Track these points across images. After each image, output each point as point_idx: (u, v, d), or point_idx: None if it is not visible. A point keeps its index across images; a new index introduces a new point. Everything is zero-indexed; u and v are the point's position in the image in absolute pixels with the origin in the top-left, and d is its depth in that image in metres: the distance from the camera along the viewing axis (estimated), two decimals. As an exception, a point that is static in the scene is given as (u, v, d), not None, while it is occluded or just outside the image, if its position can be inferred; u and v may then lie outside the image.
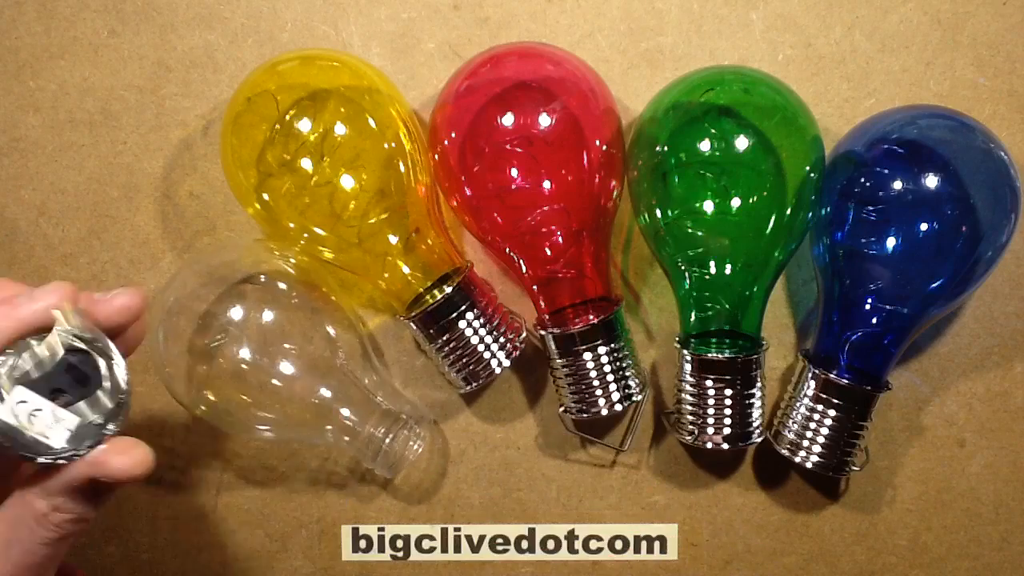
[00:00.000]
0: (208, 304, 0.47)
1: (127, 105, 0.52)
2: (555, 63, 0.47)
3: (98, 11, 0.52)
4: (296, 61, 0.48)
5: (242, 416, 0.47)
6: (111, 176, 0.52)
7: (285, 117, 0.46)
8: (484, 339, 0.49)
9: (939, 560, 0.54)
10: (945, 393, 0.53)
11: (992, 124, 0.50)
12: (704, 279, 0.48)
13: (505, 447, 0.54)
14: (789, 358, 0.53)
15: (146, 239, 0.53)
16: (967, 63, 0.51)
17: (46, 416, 0.34)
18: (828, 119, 0.51)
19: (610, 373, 0.48)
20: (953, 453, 0.53)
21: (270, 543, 0.54)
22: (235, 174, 0.47)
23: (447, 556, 0.54)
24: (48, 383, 0.34)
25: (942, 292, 0.46)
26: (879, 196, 0.45)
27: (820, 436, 0.48)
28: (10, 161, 0.52)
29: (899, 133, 0.46)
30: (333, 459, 0.54)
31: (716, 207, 0.46)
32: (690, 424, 0.49)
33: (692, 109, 0.46)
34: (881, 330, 0.47)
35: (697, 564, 0.54)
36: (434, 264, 0.49)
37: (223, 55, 0.52)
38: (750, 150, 0.46)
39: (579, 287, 0.49)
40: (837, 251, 0.47)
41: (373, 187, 0.47)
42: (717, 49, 0.51)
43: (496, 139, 0.46)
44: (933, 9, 0.51)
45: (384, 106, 0.48)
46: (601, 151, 0.47)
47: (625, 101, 0.51)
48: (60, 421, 0.34)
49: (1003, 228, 0.45)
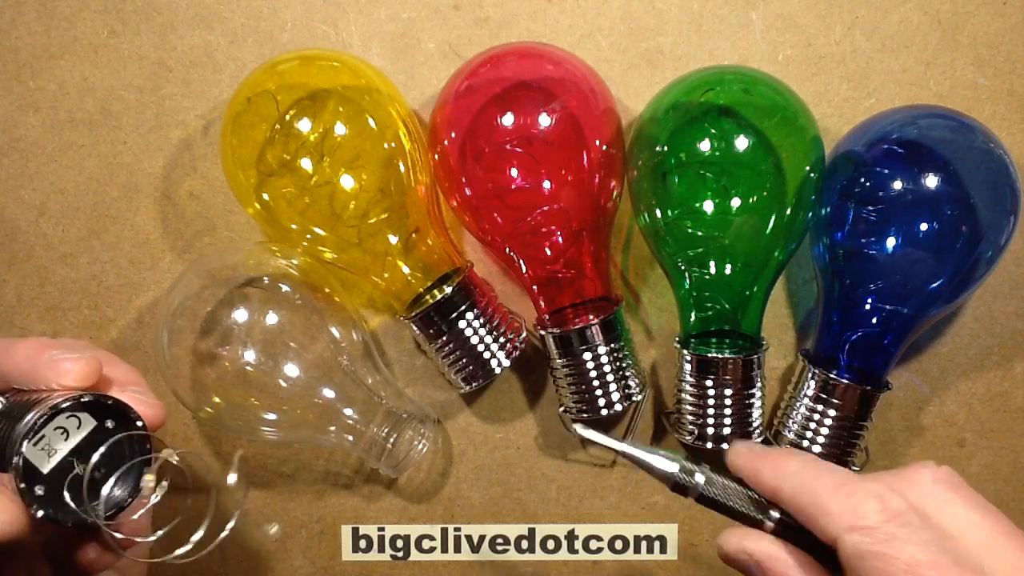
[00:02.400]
0: (212, 306, 0.47)
1: (127, 105, 0.52)
2: (555, 63, 0.47)
3: (98, 11, 0.52)
4: (296, 61, 0.48)
5: (247, 418, 0.47)
6: (111, 176, 0.52)
7: (285, 117, 0.46)
8: (484, 339, 0.49)
9: (939, 560, 0.54)
10: (945, 393, 0.53)
11: (992, 124, 0.50)
12: (704, 279, 0.48)
13: (505, 447, 0.54)
14: (789, 358, 0.53)
15: (146, 239, 0.53)
16: (967, 63, 0.51)
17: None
18: (828, 119, 0.51)
19: (610, 373, 0.48)
20: (953, 453, 0.53)
21: (270, 543, 0.54)
22: (235, 174, 0.47)
23: (447, 556, 0.54)
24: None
25: (942, 292, 0.46)
26: (879, 196, 0.45)
27: (820, 436, 0.48)
28: (10, 161, 0.52)
29: (899, 133, 0.46)
30: (335, 459, 0.54)
31: (716, 207, 0.46)
32: (690, 424, 0.49)
33: (692, 109, 0.46)
34: (881, 330, 0.47)
35: (697, 564, 0.54)
36: (434, 264, 0.49)
37: (223, 55, 0.52)
38: (750, 150, 0.46)
39: (579, 287, 0.49)
40: (837, 251, 0.47)
41: (373, 187, 0.47)
42: (717, 49, 0.51)
43: (496, 139, 0.46)
44: (933, 9, 0.51)
45: (384, 106, 0.48)
46: (601, 151, 0.47)
47: (625, 101, 0.51)
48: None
49: (1003, 228, 0.45)
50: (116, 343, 0.53)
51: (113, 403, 0.35)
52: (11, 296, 0.53)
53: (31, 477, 0.33)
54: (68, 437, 0.34)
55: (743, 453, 0.38)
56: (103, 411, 0.35)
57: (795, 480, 0.35)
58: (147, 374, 0.53)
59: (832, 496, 0.33)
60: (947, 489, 0.34)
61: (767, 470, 0.36)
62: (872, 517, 0.32)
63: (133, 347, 0.53)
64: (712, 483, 0.38)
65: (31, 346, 0.36)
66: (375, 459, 0.49)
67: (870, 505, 0.33)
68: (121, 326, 0.53)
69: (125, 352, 0.53)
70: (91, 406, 0.35)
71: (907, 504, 0.33)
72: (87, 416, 0.35)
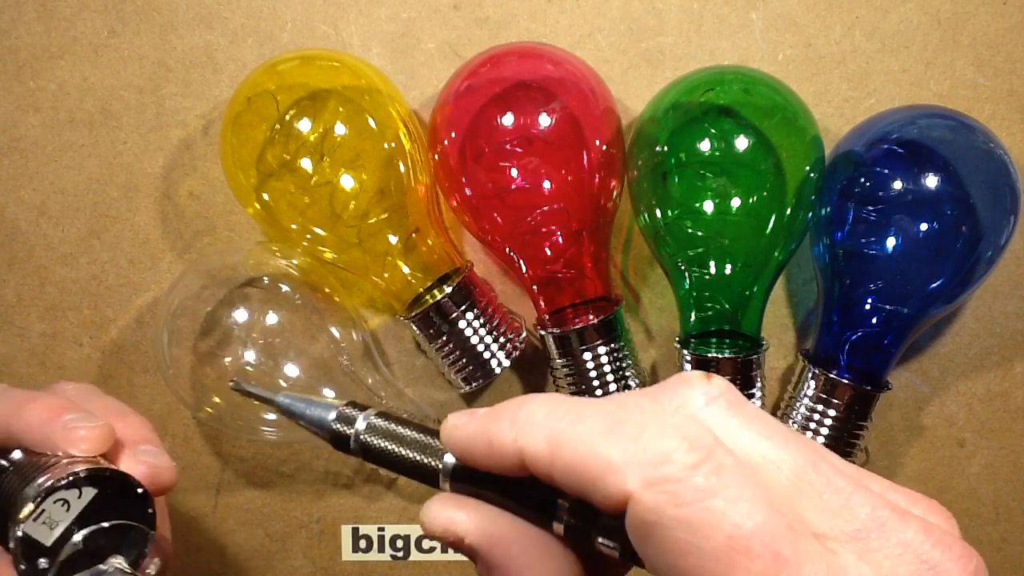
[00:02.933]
0: (212, 306, 0.47)
1: (127, 105, 0.52)
2: (555, 63, 0.47)
3: (98, 11, 0.52)
4: (296, 61, 0.48)
5: (247, 418, 0.47)
6: (111, 176, 0.52)
7: (285, 117, 0.46)
8: (484, 339, 0.49)
9: (939, 560, 0.53)
10: (945, 393, 0.53)
11: (992, 124, 0.50)
12: (704, 279, 0.48)
13: (505, 447, 0.54)
14: (789, 358, 0.53)
15: (146, 239, 0.53)
16: (967, 63, 0.51)
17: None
18: (828, 119, 0.51)
19: (610, 373, 0.48)
20: (953, 453, 0.53)
21: (270, 543, 0.54)
22: (235, 174, 0.47)
23: (447, 556, 0.54)
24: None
25: (942, 292, 0.46)
26: (879, 196, 0.45)
27: (820, 436, 0.48)
28: (10, 161, 0.52)
29: (899, 133, 0.46)
30: (335, 459, 0.54)
31: (716, 207, 0.46)
32: (690, 424, 0.49)
33: (692, 109, 0.46)
34: (881, 330, 0.47)
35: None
36: (434, 264, 0.49)
37: (223, 55, 0.52)
38: (750, 150, 0.46)
39: (579, 287, 0.49)
40: (837, 251, 0.47)
41: (373, 187, 0.47)
42: (717, 49, 0.51)
43: (496, 139, 0.46)
44: (933, 9, 0.51)
45: (384, 106, 0.48)
46: (601, 151, 0.47)
47: (625, 101, 0.51)
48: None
49: (1003, 228, 0.45)
50: (116, 343, 0.53)
51: (110, 474, 0.35)
52: (11, 296, 0.53)
53: (32, 552, 0.33)
54: (69, 508, 0.34)
55: (461, 424, 0.26)
56: (104, 480, 0.35)
57: (549, 432, 0.24)
58: (147, 374, 0.53)
59: (609, 440, 0.22)
60: (728, 408, 0.24)
61: (505, 435, 0.25)
62: (677, 460, 0.21)
63: (133, 347, 0.53)
64: (375, 430, 0.28)
65: (44, 409, 0.36)
66: (375, 459, 0.49)
67: (667, 440, 0.22)
68: (121, 326, 0.53)
69: (125, 352, 0.53)
70: (90, 479, 0.35)
71: (715, 438, 0.22)
72: (88, 487, 0.35)
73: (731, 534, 0.21)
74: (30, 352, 0.53)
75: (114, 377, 0.53)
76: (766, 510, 0.21)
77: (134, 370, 0.53)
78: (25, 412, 0.36)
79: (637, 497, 0.22)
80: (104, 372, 0.53)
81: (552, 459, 0.23)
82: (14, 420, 0.36)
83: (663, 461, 0.22)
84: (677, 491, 0.21)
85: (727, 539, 0.21)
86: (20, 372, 0.53)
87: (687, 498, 0.21)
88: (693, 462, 0.21)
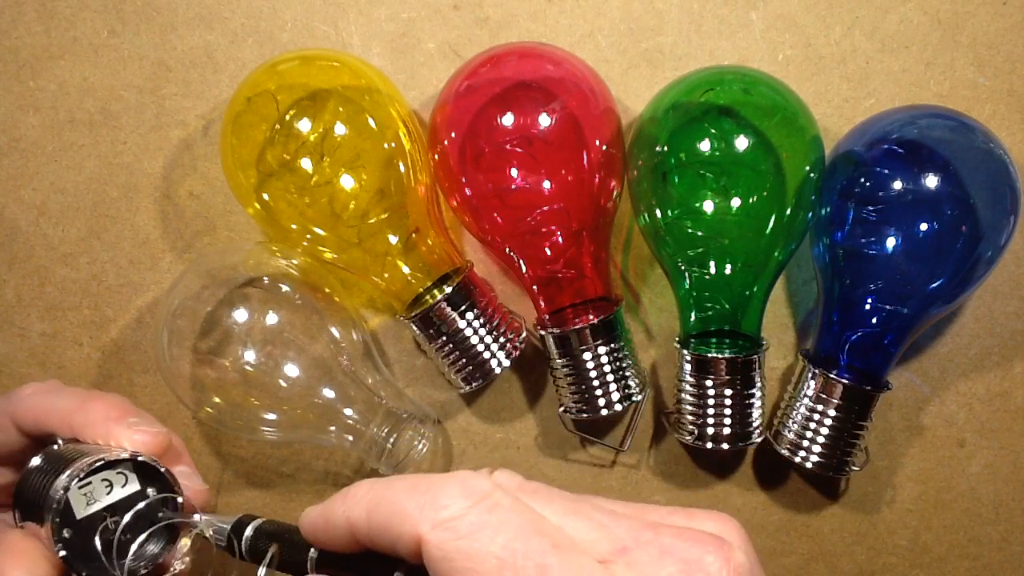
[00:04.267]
0: (212, 306, 0.47)
1: (127, 105, 0.52)
2: (555, 63, 0.47)
3: (98, 11, 0.52)
4: (296, 61, 0.48)
5: (247, 418, 0.47)
6: (111, 176, 0.52)
7: (285, 117, 0.46)
8: (484, 339, 0.49)
9: (939, 560, 0.54)
10: (945, 393, 0.53)
11: (992, 124, 0.50)
12: (704, 279, 0.48)
13: (505, 447, 0.54)
14: (789, 358, 0.53)
15: (146, 239, 0.53)
16: (967, 63, 0.51)
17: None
18: (828, 119, 0.51)
19: (610, 373, 0.48)
20: (953, 453, 0.53)
21: (270, 543, 0.54)
22: (235, 174, 0.47)
23: (447, 556, 0.54)
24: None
25: (942, 292, 0.46)
26: (879, 196, 0.45)
27: (820, 436, 0.48)
28: (10, 161, 0.52)
29: (899, 133, 0.46)
30: (335, 459, 0.54)
31: (716, 207, 0.46)
32: (690, 424, 0.49)
33: (692, 109, 0.46)
34: (881, 330, 0.47)
35: (697, 564, 0.54)
36: (434, 264, 0.49)
37: (223, 55, 0.52)
38: (750, 150, 0.46)
39: (579, 287, 0.49)
40: (837, 251, 0.47)
41: (373, 187, 0.47)
42: (717, 49, 0.51)
43: (496, 139, 0.46)
44: (933, 9, 0.51)
45: (384, 106, 0.48)
46: (601, 151, 0.47)
47: (625, 101, 0.51)
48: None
49: (1003, 228, 0.45)
50: (116, 343, 0.53)
51: (164, 472, 0.36)
52: (11, 296, 0.53)
53: (66, 517, 0.34)
54: (111, 492, 0.35)
55: (309, 510, 0.32)
56: (150, 477, 0.36)
57: (367, 501, 0.29)
58: (147, 374, 0.53)
59: (408, 496, 0.27)
60: (518, 486, 0.29)
61: (337, 512, 0.30)
62: (454, 505, 0.26)
63: (133, 347, 0.53)
64: (262, 533, 0.34)
65: (110, 407, 0.38)
66: (375, 459, 0.49)
67: (450, 490, 0.27)
68: (121, 326, 0.53)
69: (125, 352, 0.53)
70: (142, 468, 0.36)
71: (493, 484, 0.27)
72: (134, 477, 0.36)
73: (499, 555, 0.25)
74: (30, 352, 0.53)
75: (114, 377, 0.53)
76: (531, 533, 0.26)
77: (134, 370, 0.53)
78: (90, 409, 0.37)
79: (427, 538, 0.26)
80: (104, 372, 0.53)
81: (368, 522, 0.28)
82: (77, 415, 0.37)
83: (445, 506, 0.26)
84: (456, 527, 0.26)
85: (497, 560, 0.25)
86: (20, 372, 0.53)
87: (464, 532, 0.26)
88: (469, 504, 0.26)
